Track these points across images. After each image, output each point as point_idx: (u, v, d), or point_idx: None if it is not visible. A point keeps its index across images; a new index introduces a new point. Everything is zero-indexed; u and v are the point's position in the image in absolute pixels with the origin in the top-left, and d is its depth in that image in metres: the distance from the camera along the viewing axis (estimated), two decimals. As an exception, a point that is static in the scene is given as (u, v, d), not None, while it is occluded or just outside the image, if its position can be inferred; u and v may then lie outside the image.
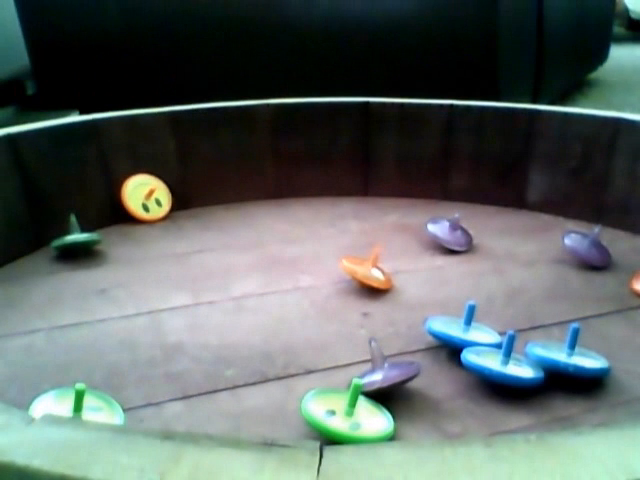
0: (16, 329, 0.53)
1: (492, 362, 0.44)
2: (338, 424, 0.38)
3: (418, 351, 0.49)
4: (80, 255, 0.68)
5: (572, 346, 0.45)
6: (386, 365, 0.44)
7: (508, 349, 0.44)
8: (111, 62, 1.44)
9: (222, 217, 0.79)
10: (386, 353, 0.47)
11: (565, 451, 0.22)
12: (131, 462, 0.22)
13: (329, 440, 0.37)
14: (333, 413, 0.39)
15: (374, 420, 0.40)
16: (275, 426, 0.41)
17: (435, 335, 0.48)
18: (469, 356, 0.44)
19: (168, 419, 0.42)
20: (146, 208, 0.77)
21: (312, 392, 0.41)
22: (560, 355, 0.45)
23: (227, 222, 0.77)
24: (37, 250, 0.69)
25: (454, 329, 0.48)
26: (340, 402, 0.40)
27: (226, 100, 0.83)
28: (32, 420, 0.25)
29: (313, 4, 1.32)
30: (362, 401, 0.40)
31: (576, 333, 0.45)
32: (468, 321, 0.48)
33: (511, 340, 0.44)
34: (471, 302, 0.48)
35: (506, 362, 0.44)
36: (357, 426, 0.39)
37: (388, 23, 1.29)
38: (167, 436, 0.24)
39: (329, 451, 0.23)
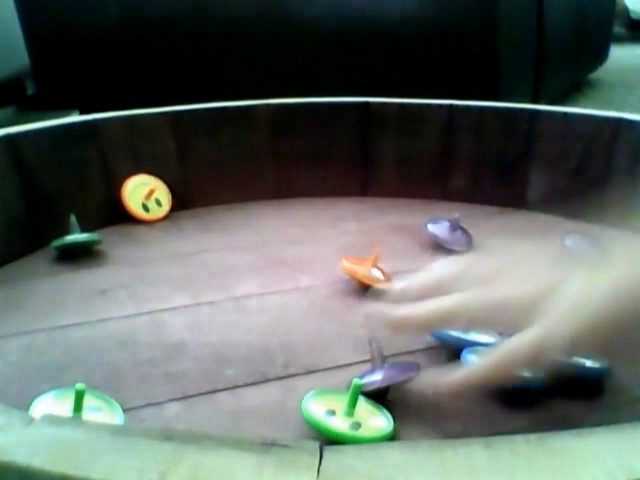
0: (16, 329, 0.53)
1: None
2: (338, 424, 0.38)
3: (418, 351, 0.49)
4: (80, 255, 0.67)
5: None
6: (386, 365, 0.44)
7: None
8: (111, 62, 1.44)
9: (222, 217, 0.79)
10: (386, 353, 0.47)
11: (565, 452, 0.22)
12: (131, 462, 0.22)
13: (329, 440, 0.37)
14: (333, 413, 0.39)
15: (374, 420, 0.40)
16: (275, 426, 0.41)
17: (434, 335, 0.48)
18: (469, 356, 0.44)
19: (168, 419, 0.42)
20: (146, 208, 0.77)
21: (312, 392, 0.41)
22: None
23: (227, 222, 0.77)
24: (37, 250, 0.69)
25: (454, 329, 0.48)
26: (340, 402, 0.40)
27: (226, 100, 0.83)
28: (32, 420, 0.25)
29: (313, 4, 1.32)
30: (362, 401, 0.41)
31: None
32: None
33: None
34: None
35: None
36: (357, 426, 0.39)
37: (388, 23, 1.29)
38: (167, 436, 0.24)
39: (329, 451, 0.23)
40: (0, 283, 0.62)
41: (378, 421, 0.40)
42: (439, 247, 0.67)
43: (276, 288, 0.60)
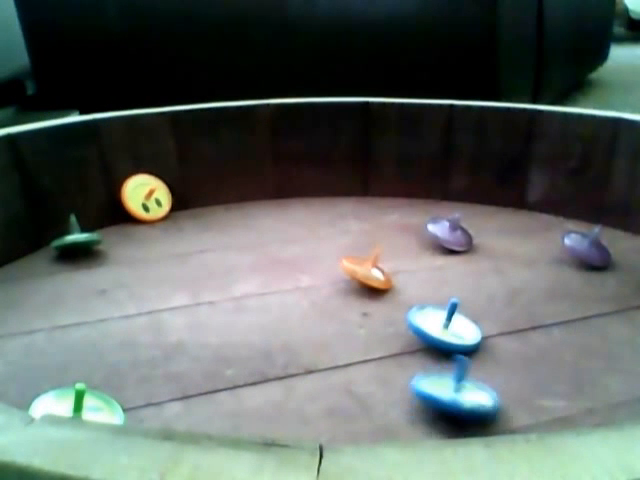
0: (16, 329, 0.53)
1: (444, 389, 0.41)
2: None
3: (418, 351, 0.49)
4: (80, 255, 0.68)
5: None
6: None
7: (460, 374, 0.41)
8: (111, 62, 1.44)
9: (222, 217, 0.79)
10: (386, 353, 0.47)
11: (565, 451, 0.22)
12: (131, 462, 0.22)
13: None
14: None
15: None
16: (275, 426, 0.41)
17: (417, 334, 0.49)
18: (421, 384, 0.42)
19: (168, 419, 0.42)
20: (146, 208, 0.77)
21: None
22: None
23: (227, 222, 0.77)
24: (37, 250, 0.69)
25: (434, 330, 0.49)
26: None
27: (226, 100, 0.83)
28: (32, 420, 0.25)
29: (313, 4, 1.32)
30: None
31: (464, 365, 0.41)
32: (449, 318, 0.49)
33: (462, 365, 0.41)
34: (453, 300, 0.48)
35: (458, 389, 0.41)
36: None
37: (388, 23, 1.29)
38: (167, 436, 0.24)
39: (329, 451, 0.23)
40: (0, 283, 0.62)
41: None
42: (439, 247, 0.67)
43: (276, 288, 0.60)
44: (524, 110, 0.78)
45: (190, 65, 1.43)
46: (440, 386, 0.42)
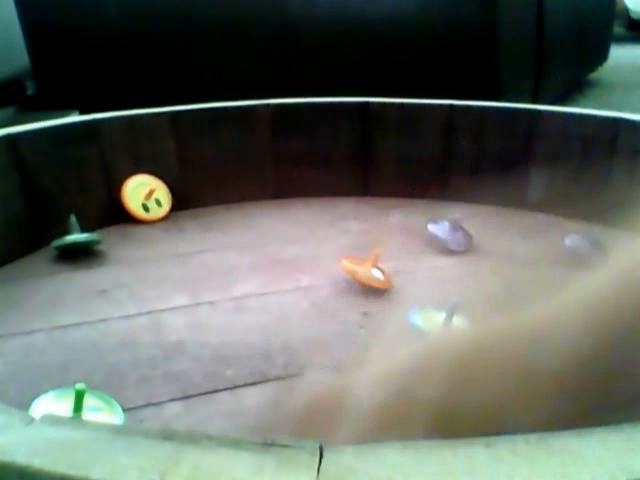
0: (16, 329, 0.53)
1: None
2: None
3: (418, 351, 0.49)
4: (80, 255, 0.67)
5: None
6: None
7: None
8: (111, 62, 1.44)
9: (222, 217, 0.79)
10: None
11: (565, 452, 0.22)
12: (131, 462, 0.22)
13: None
14: None
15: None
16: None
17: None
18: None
19: (168, 419, 0.42)
20: (146, 208, 0.77)
21: None
22: None
23: (227, 222, 0.77)
24: (37, 250, 0.69)
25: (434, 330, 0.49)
26: None
27: (226, 100, 0.83)
28: (32, 420, 0.25)
29: (313, 4, 1.32)
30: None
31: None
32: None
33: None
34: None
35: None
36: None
37: (388, 23, 1.29)
38: (167, 436, 0.24)
39: (329, 451, 0.23)
40: (0, 283, 0.62)
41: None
42: (439, 247, 0.67)
43: (276, 288, 0.60)
44: (524, 110, 0.78)
45: (190, 65, 1.43)
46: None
